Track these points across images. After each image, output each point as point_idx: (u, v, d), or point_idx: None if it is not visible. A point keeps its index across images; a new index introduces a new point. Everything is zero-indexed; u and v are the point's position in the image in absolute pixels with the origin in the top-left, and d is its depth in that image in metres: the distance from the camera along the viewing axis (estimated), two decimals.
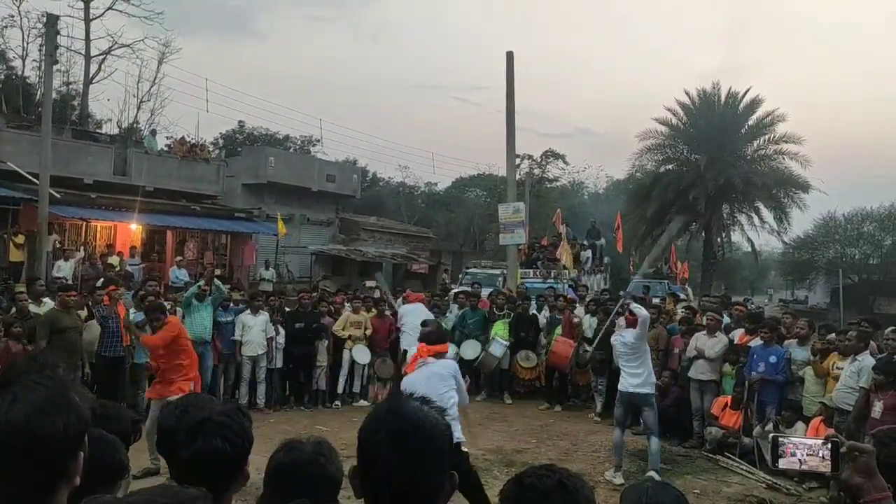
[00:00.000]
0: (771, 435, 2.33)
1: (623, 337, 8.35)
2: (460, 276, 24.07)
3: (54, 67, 19.31)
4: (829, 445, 2.07)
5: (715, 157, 29.19)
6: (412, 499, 1.55)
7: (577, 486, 1.76)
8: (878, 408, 7.69)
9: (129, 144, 24.16)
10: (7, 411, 1.48)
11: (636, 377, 8.16)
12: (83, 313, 9.81)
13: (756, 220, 31.03)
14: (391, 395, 2.11)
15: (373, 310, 12.45)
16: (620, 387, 8.38)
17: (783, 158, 30.09)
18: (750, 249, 34.68)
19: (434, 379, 5.57)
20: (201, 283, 10.70)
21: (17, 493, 1.48)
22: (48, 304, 9.73)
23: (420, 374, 5.68)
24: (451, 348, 11.93)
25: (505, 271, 22.09)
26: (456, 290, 16.10)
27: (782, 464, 2.18)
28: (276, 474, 1.89)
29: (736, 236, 33.80)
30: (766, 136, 30.42)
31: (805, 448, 2.14)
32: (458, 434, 5.24)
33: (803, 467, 2.17)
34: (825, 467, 2.09)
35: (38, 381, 1.59)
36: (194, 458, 1.94)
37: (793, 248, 41.39)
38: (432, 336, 6.08)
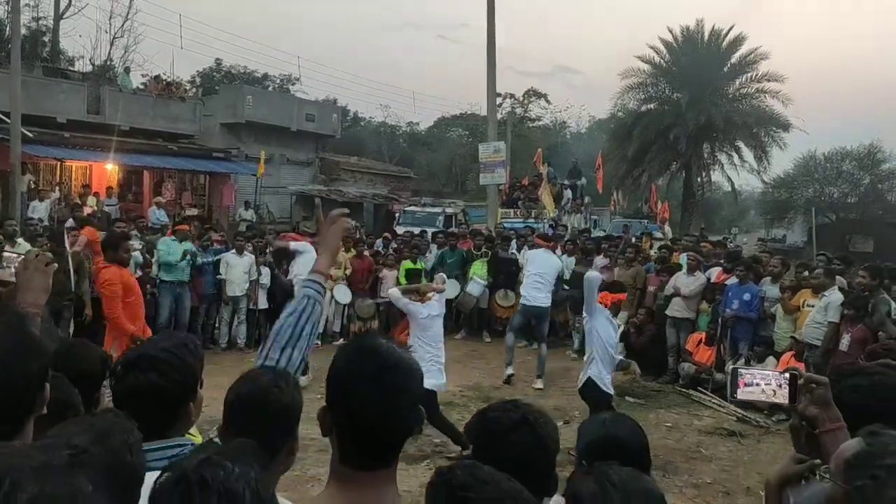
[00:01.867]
0: (731, 367, 2.38)
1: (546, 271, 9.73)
2: (398, 216, 23.46)
3: (22, 2, 18.71)
4: (787, 377, 2.11)
5: (697, 95, 29.11)
6: (385, 436, 1.58)
7: (539, 422, 1.79)
8: (845, 341, 7.91)
9: (103, 82, 23.62)
10: None
11: (542, 293, 9.63)
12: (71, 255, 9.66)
13: (736, 159, 31.22)
14: (360, 335, 2.12)
15: (352, 250, 12.45)
16: (525, 301, 9.81)
17: (765, 97, 30.10)
18: (730, 189, 34.88)
19: None
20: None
21: None
22: (22, 244, 9.62)
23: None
24: (454, 284, 12.06)
25: (447, 209, 21.95)
26: (433, 231, 16.13)
27: (741, 394, 2.23)
28: (232, 405, 1.90)
29: (716, 176, 33.97)
30: (749, 75, 30.37)
31: (763, 379, 2.19)
32: None
33: (761, 398, 2.22)
34: (783, 398, 2.13)
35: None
36: (127, 393, 1.92)
37: (772, 188, 41.58)
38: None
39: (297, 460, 2.15)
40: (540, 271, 9.88)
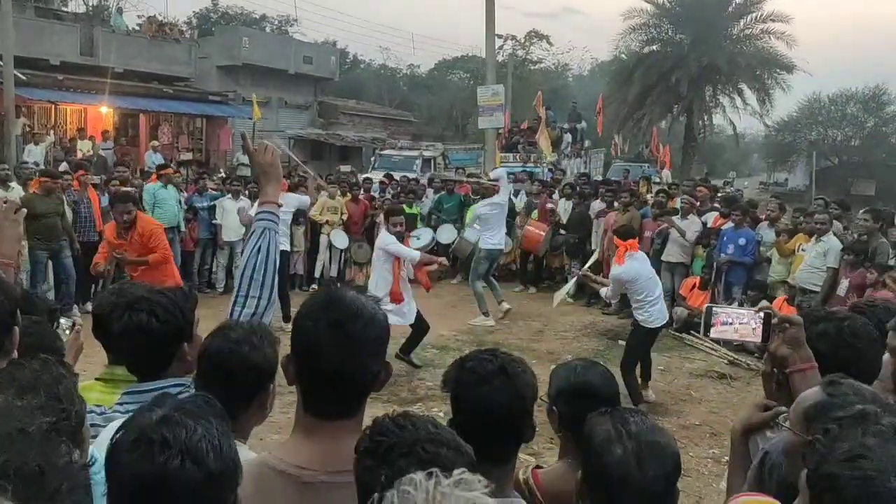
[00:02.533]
0: (705, 305, 2.37)
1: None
2: (372, 159, 22.45)
3: None
4: (762, 316, 2.11)
5: (700, 37, 28.59)
6: (347, 386, 1.57)
7: (517, 371, 1.79)
8: (843, 285, 7.92)
9: (96, 23, 23.22)
10: None
11: (496, 237, 9.91)
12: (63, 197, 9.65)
13: (739, 102, 30.77)
14: (329, 285, 2.10)
15: (348, 194, 12.41)
16: (486, 246, 9.88)
17: (769, 38, 29.52)
18: (732, 132, 34.56)
19: None
20: None
21: None
22: (15, 188, 9.59)
23: None
24: (428, 233, 12.04)
25: (425, 152, 21.42)
26: (429, 176, 16.04)
27: (714, 333, 2.23)
28: (202, 358, 1.91)
29: (718, 119, 33.59)
30: (753, 15, 29.69)
31: (738, 318, 2.18)
32: None
33: (734, 336, 2.22)
34: (756, 337, 2.13)
35: None
36: (121, 333, 1.97)
37: (775, 131, 41.22)
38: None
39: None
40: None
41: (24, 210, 2.20)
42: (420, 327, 7.62)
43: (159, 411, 1.27)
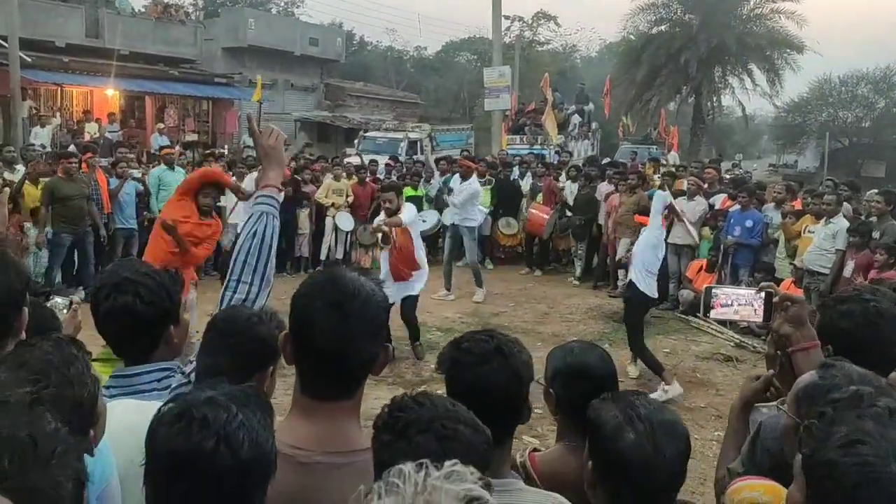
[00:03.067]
0: (705, 286, 2.34)
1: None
2: (356, 142, 21.40)
3: None
4: (763, 295, 2.08)
5: (709, 16, 28.34)
6: (343, 366, 1.56)
7: (513, 352, 1.77)
8: (849, 267, 7.88)
9: (101, 4, 23.16)
10: None
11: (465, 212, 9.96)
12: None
13: (748, 83, 30.55)
14: (329, 265, 2.07)
15: (353, 177, 12.37)
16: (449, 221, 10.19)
17: (779, 18, 29.26)
18: (741, 114, 34.30)
19: None
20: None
21: None
22: (21, 170, 9.60)
23: None
24: (433, 214, 12.02)
25: (410, 134, 20.87)
26: (436, 157, 15.94)
27: (714, 314, 2.20)
28: (209, 328, 1.91)
29: (727, 100, 33.35)
30: None
31: (738, 298, 2.15)
32: None
33: (735, 317, 2.20)
34: (757, 317, 2.11)
35: None
36: (106, 314, 1.95)
37: (785, 112, 40.89)
38: None
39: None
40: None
41: (7, 190, 2.18)
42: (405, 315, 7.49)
43: (209, 392, 1.29)
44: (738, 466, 1.86)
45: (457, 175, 10.78)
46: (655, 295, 7.25)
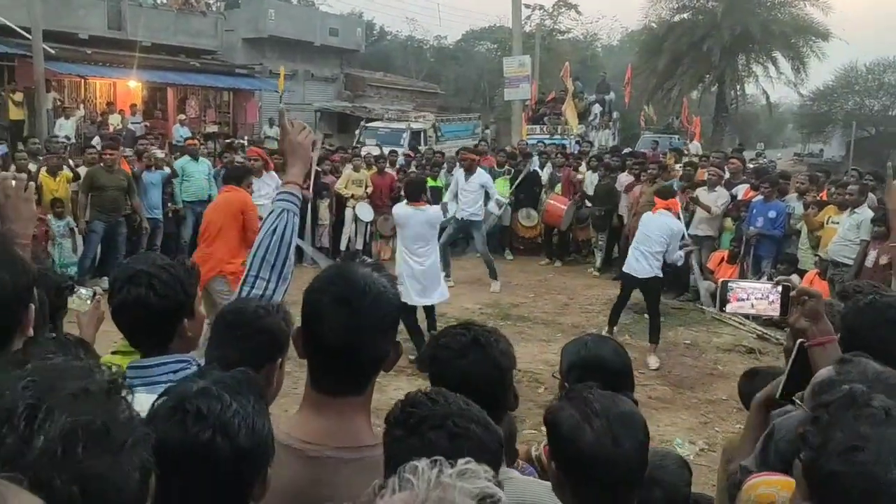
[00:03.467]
0: (720, 280, 2.32)
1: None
2: (358, 132, 20.93)
3: None
4: (780, 289, 2.05)
5: (733, 3, 27.98)
6: (353, 362, 1.56)
7: (491, 342, 1.78)
8: (871, 257, 7.77)
9: None
10: None
11: (472, 206, 10.09)
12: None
13: (772, 70, 30.22)
14: (343, 259, 2.10)
15: (373, 167, 12.37)
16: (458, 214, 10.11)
17: (804, 4, 28.92)
18: (765, 102, 33.91)
19: None
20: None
21: None
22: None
23: None
24: (452, 206, 11.99)
25: (413, 124, 20.41)
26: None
27: (729, 308, 2.17)
28: (216, 321, 1.92)
29: (751, 89, 32.98)
30: None
31: (754, 292, 2.12)
32: None
33: (751, 311, 2.17)
34: (773, 311, 2.08)
35: None
36: (119, 306, 1.96)
37: (810, 101, 40.37)
38: None
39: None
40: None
41: (33, 184, 2.18)
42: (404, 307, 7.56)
43: (200, 382, 1.30)
44: (751, 464, 1.84)
45: (461, 170, 10.59)
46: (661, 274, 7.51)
